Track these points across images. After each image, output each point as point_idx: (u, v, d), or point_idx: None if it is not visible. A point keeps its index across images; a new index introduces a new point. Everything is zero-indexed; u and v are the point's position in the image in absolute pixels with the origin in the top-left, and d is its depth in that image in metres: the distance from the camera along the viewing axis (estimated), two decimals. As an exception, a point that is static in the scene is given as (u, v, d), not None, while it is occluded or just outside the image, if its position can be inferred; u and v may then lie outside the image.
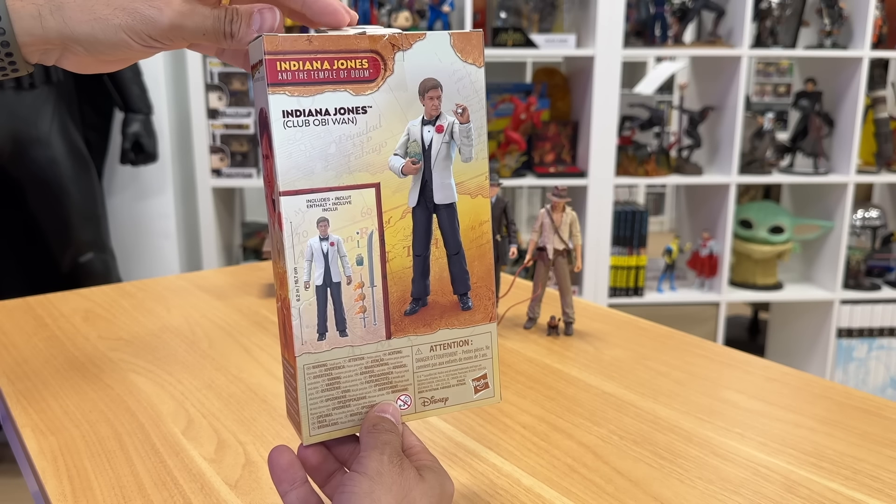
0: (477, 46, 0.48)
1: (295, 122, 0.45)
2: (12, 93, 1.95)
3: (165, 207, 2.50)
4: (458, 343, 0.51)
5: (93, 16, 0.42)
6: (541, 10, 2.44)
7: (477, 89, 0.49)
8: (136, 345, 0.90)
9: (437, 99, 0.48)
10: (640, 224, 2.47)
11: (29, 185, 2.02)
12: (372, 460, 0.44)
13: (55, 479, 0.61)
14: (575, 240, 0.92)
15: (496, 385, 0.53)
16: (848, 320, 2.52)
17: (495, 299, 0.53)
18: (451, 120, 0.48)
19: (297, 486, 0.47)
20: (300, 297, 0.46)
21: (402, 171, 0.48)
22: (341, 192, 0.46)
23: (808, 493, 0.59)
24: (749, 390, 0.77)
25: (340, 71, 0.45)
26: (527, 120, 2.40)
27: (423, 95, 0.47)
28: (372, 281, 0.48)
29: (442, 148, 0.49)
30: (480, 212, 0.51)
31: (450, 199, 0.49)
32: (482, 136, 0.50)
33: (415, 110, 0.47)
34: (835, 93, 2.46)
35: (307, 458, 0.48)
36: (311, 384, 0.47)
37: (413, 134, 0.48)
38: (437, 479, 0.47)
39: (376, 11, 2.27)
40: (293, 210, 0.45)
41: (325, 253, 0.47)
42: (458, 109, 0.48)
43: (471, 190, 0.50)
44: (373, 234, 0.48)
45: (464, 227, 0.50)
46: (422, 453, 0.50)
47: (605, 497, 0.58)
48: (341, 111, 0.46)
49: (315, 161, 0.45)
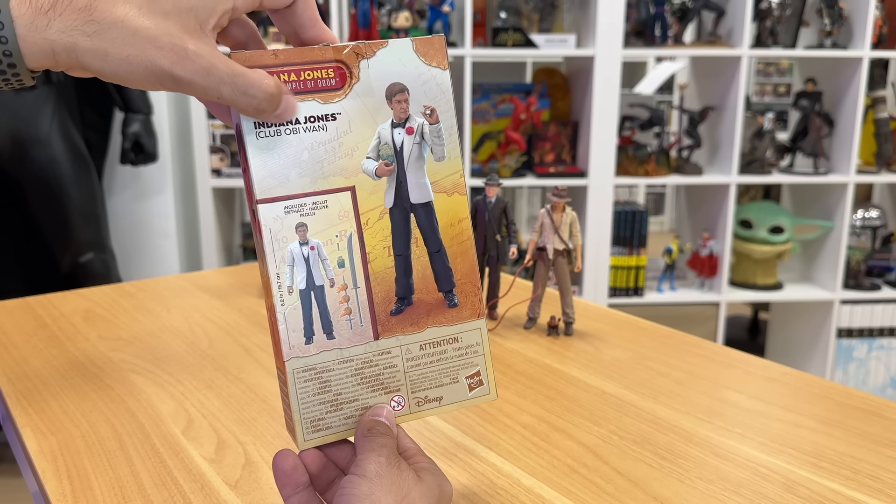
0: (440, 50, 0.50)
1: (267, 133, 0.46)
2: (12, 93, 1.95)
3: (165, 207, 2.50)
4: (448, 341, 0.52)
5: (105, 59, 0.41)
6: (541, 10, 2.44)
7: (443, 90, 0.50)
8: (136, 345, 0.90)
9: (405, 102, 0.49)
10: (640, 224, 2.47)
11: (29, 185, 2.02)
12: (370, 462, 0.44)
13: (55, 479, 0.61)
14: (575, 240, 0.92)
15: (491, 382, 0.53)
16: (848, 320, 2.52)
17: (482, 295, 0.53)
18: (421, 121, 0.50)
19: (299, 490, 0.47)
20: (284, 301, 0.47)
21: (376, 173, 0.49)
22: (317, 196, 0.47)
23: (808, 493, 0.59)
24: (749, 390, 0.77)
25: (308, 81, 0.47)
26: (527, 120, 2.40)
27: (391, 99, 0.49)
28: (355, 283, 0.49)
29: (414, 149, 0.50)
30: (458, 209, 0.51)
31: (426, 198, 0.50)
32: (453, 135, 0.51)
33: (383, 114, 0.49)
34: (835, 93, 2.46)
35: (308, 466, 0.48)
36: (301, 388, 0.48)
37: (384, 137, 0.49)
38: (436, 480, 0.47)
39: (376, 11, 2.27)
40: (271, 217, 0.46)
41: (305, 257, 0.47)
42: (427, 111, 0.50)
43: (447, 188, 0.51)
44: (352, 236, 0.48)
45: (443, 225, 0.51)
46: (418, 455, 0.50)
47: (605, 497, 0.58)
48: (311, 119, 0.47)
49: (289, 168, 0.46)
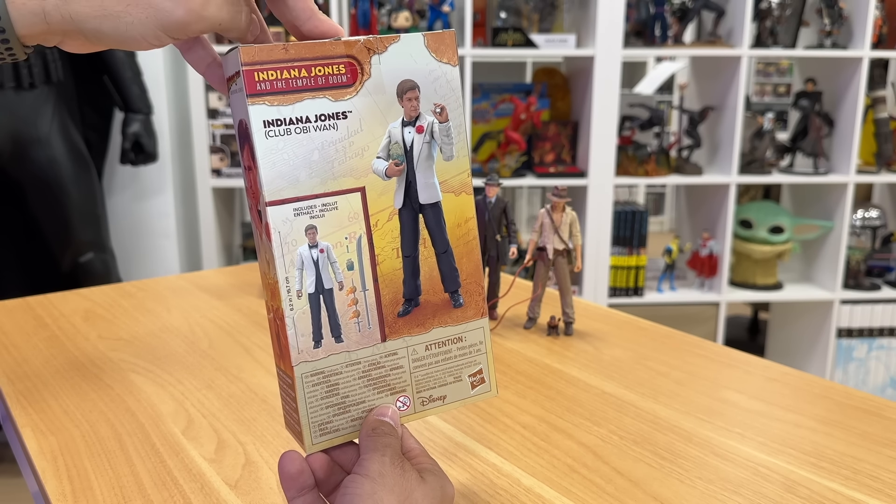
0: (451, 46, 0.49)
1: (276, 132, 0.44)
2: (12, 93, 1.95)
3: (165, 207, 2.50)
4: (453, 340, 0.52)
5: (102, 11, 0.40)
6: (541, 10, 2.44)
7: (453, 88, 0.49)
8: (136, 345, 0.90)
9: (416, 100, 0.48)
10: (640, 224, 2.47)
11: (29, 186, 2.02)
12: (373, 462, 0.44)
13: (55, 479, 0.61)
14: (575, 240, 0.92)
15: (492, 379, 0.53)
16: (848, 320, 2.52)
17: (485, 294, 0.53)
18: (431, 120, 0.49)
19: (304, 492, 0.47)
20: (293, 306, 0.46)
21: (386, 173, 0.48)
22: (327, 198, 0.46)
23: (808, 493, 0.59)
24: (749, 390, 0.77)
25: (318, 78, 0.45)
26: (527, 120, 2.40)
27: (402, 97, 0.48)
28: (364, 285, 0.48)
29: (423, 148, 0.49)
30: (465, 209, 0.51)
31: (434, 199, 0.50)
32: (462, 133, 0.50)
33: (394, 112, 0.48)
34: (835, 93, 2.46)
35: (315, 470, 0.48)
36: (310, 392, 0.47)
37: (394, 136, 0.48)
38: (438, 481, 0.47)
39: (376, 11, 2.27)
40: (280, 219, 0.45)
41: (315, 260, 0.47)
42: (437, 109, 0.49)
43: (454, 188, 0.50)
44: (361, 238, 0.48)
45: (450, 225, 0.50)
46: (421, 456, 0.50)
47: (605, 497, 0.58)
48: (322, 118, 0.46)
49: (299, 169, 0.45)
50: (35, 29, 0.40)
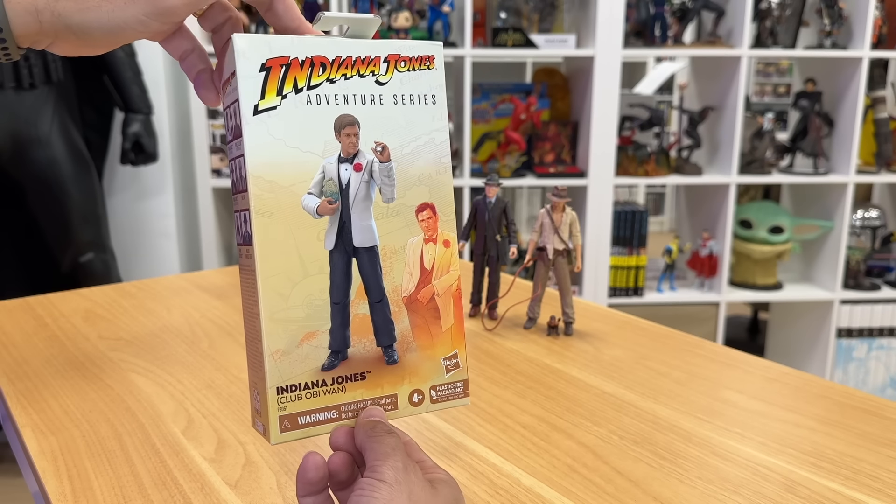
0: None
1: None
2: (12, 93, 1.95)
3: (165, 207, 2.50)
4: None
5: (84, 5, 0.41)
6: (541, 10, 2.44)
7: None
8: (136, 345, 0.90)
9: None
10: (640, 224, 2.47)
11: (29, 186, 2.02)
12: (388, 468, 0.44)
13: (55, 479, 0.61)
14: (575, 240, 0.92)
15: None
16: (848, 320, 2.52)
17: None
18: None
19: (315, 492, 0.47)
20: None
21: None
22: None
23: (808, 493, 0.59)
24: (749, 390, 0.77)
25: None
26: (527, 120, 2.41)
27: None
28: None
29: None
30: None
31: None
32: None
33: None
34: (835, 93, 2.46)
35: (336, 470, 0.48)
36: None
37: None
38: (451, 493, 0.47)
39: (376, 11, 2.27)
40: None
41: None
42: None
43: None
44: None
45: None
46: (434, 468, 0.50)
47: (605, 497, 0.58)
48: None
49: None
50: (29, 28, 0.41)
